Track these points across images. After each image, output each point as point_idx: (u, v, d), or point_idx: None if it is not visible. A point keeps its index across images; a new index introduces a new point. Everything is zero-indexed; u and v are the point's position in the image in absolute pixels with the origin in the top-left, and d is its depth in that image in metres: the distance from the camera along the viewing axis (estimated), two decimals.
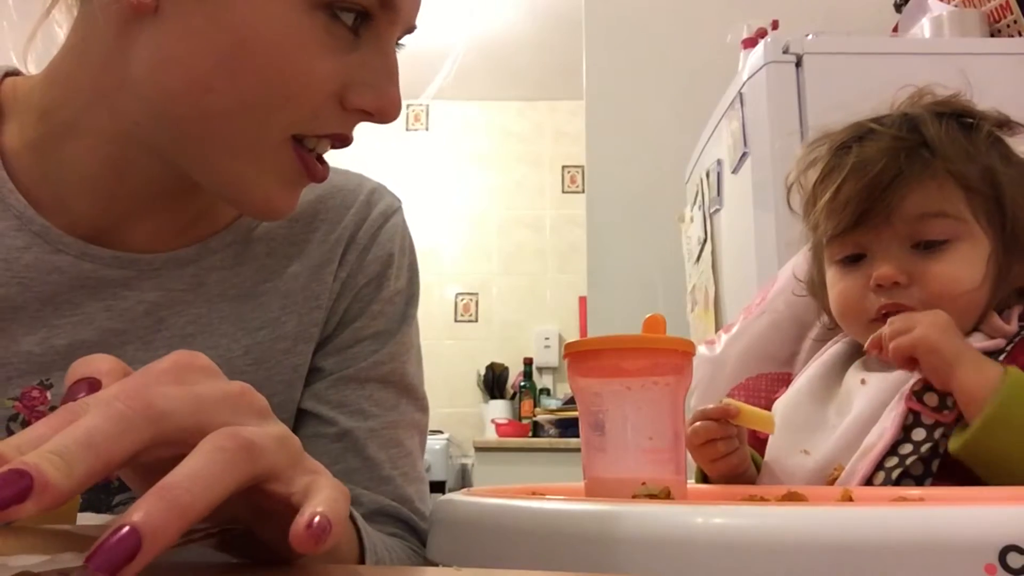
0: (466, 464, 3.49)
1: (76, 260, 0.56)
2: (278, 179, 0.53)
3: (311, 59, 0.49)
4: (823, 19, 2.10)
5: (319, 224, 0.65)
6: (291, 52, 0.49)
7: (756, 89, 1.61)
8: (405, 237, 0.70)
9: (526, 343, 3.75)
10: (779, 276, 1.01)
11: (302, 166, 0.53)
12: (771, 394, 0.90)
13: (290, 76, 0.49)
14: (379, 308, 0.66)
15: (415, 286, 0.70)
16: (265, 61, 0.48)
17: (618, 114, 2.51)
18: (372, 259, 0.66)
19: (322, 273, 0.64)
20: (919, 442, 0.67)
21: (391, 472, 0.64)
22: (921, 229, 0.74)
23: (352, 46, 0.51)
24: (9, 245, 0.54)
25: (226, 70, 0.49)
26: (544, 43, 3.47)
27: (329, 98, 0.51)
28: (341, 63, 0.51)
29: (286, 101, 0.50)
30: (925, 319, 0.69)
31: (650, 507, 0.42)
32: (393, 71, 0.53)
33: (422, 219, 3.86)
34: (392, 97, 0.53)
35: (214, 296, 0.60)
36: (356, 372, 0.65)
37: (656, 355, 0.57)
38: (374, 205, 0.68)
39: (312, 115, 0.51)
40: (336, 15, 0.49)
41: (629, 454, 0.57)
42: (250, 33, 0.48)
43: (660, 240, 2.36)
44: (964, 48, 1.64)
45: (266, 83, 0.49)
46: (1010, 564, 0.32)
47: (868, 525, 0.35)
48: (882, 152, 0.75)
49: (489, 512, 0.48)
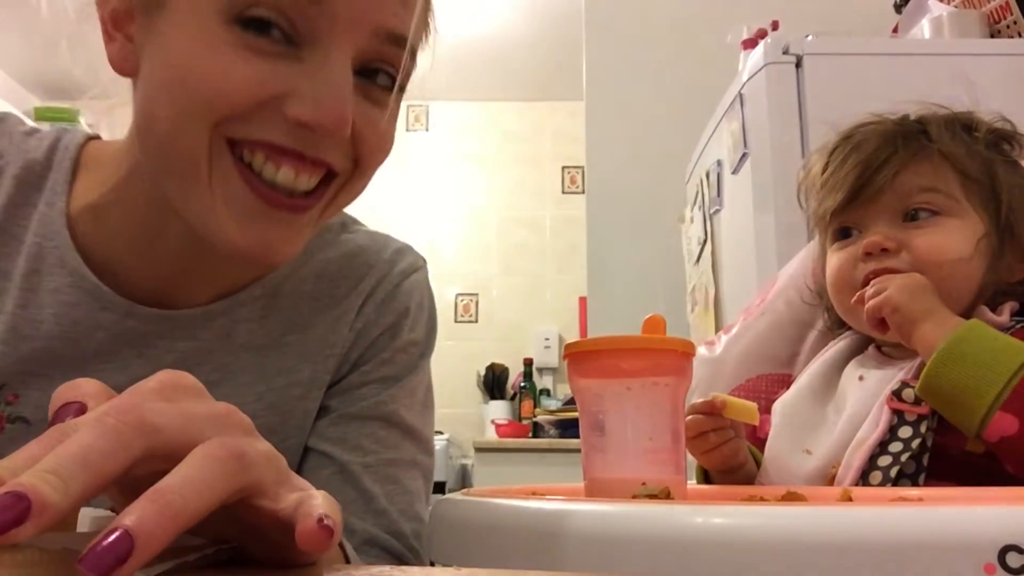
0: (466, 464, 3.49)
1: (120, 319, 0.59)
2: (230, 207, 0.52)
3: (229, 63, 0.49)
4: (823, 20, 2.10)
5: (341, 281, 0.68)
6: (208, 59, 0.49)
7: (756, 90, 1.61)
8: (424, 294, 0.72)
9: (526, 343, 3.75)
10: (779, 277, 1.01)
11: (249, 188, 0.52)
12: (771, 395, 0.90)
13: (208, 79, 0.49)
14: (389, 356, 0.68)
15: (431, 340, 0.72)
16: (188, 73, 0.50)
17: (618, 114, 2.51)
18: (388, 311, 0.68)
19: (339, 324, 0.66)
20: (907, 439, 0.69)
21: (386, 506, 0.64)
22: (912, 201, 0.77)
23: (288, 56, 0.50)
24: (63, 301, 0.58)
25: (164, 94, 0.51)
26: (544, 43, 3.48)
27: (260, 105, 0.50)
28: (272, 71, 0.50)
29: (206, 107, 0.50)
30: (897, 280, 0.73)
31: (650, 507, 0.42)
32: (336, 84, 0.50)
33: (422, 220, 3.86)
34: (329, 110, 0.50)
35: (239, 347, 0.63)
36: (358, 411, 0.66)
37: (656, 356, 0.57)
38: (396, 263, 0.70)
39: (241, 118, 0.50)
40: (250, 23, 0.49)
41: (629, 454, 0.57)
42: (177, 57, 0.50)
43: (660, 241, 2.36)
44: (964, 49, 1.64)
45: (189, 91, 0.50)
46: (1009, 564, 0.32)
47: (867, 525, 0.35)
48: (881, 135, 0.80)
49: (489, 512, 0.48)
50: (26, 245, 0.59)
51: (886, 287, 0.72)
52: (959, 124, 0.81)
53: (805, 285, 0.95)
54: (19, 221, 0.59)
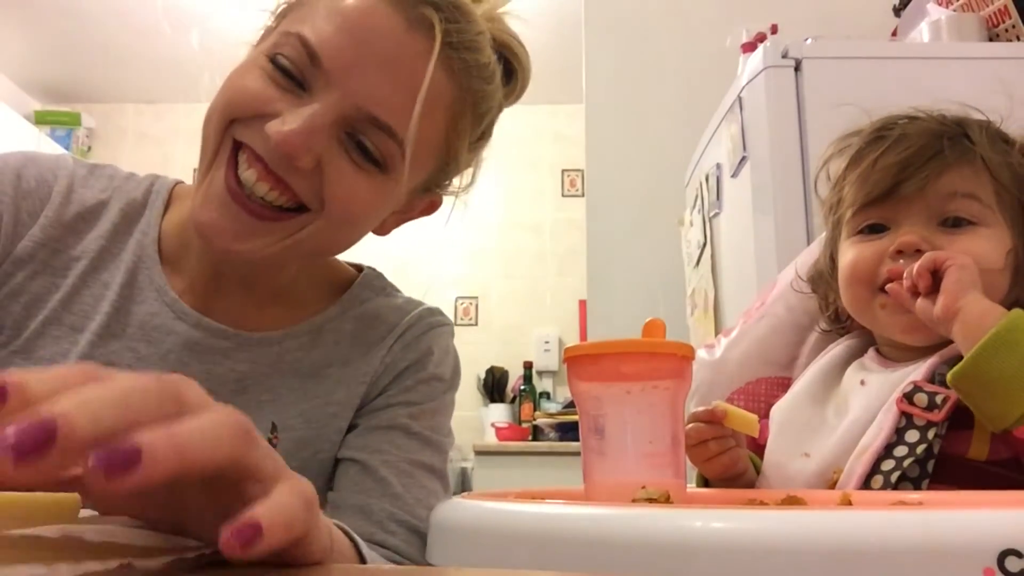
0: (466, 468, 3.49)
1: (190, 328, 0.71)
2: (207, 191, 0.64)
3: (249, 77, 0.63)
4: (822, 23, 2.10)
5: (379, 325, 0.78)
6: (241, 75, 0.64)
7: (755, 93, 1.61)
8: (448, 345, 0.82)
9: (526, 347, 3.75)
10: (778, 280, 1.01)
11: (224, 182, 0.63)
12: (770, 398, 0.90)
13: (234, 87, 0.64)
14: (412, 384, 0.76)
15: (455, 380, 0.81)
16: (227, 82, 0.65)
17: (618, 118, 2.51)
18: (413, 350, 0.77)
19: (372, 358, 0.76)
20: (913, 443, 0.68)
21: (402, 492, 0.70)
22: (951, 206, 0.75)
23: (293, 93, 0.63)
24: (147, 311, 0.71)
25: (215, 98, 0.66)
26: (544, 46, 3.46)
27: (260, 116, 0.62)
28: (276, 96, 0.62)
29: (227, 100, 0.64)
30: (960, 256, 0.71)
31: (650, 511, 0.42)
32: (304, 117, 0.61)
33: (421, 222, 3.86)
34: (289, 134, 0.60)
35: (287, 372, 0.73)
36: (380, 422, 0.74)
37: (656, 359, 0.58)
38: (425, 317, 0.80)
39: (245, 123, 0.62)
40: (274, 61, 0.63)
41: (629, 458, 0.57)
42: (241, 68, 0.66)
43: (660, 244, 2.36)
44: (963, 52, 1.65)
45: (222, 93, 0.64)
46: (1008, 568, 0.32)
47: (867, 529, 0.35)
48: (926, 132, 0.78)
49: (489, 516, 0.48)
50: (125, 263, 0.72)
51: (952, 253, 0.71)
52: (994, 131, 0.80)
53: (796, 274, 0.94)
54: (121, 244, 0.73)
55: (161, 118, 4.01)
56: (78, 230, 0.73)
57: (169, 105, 4.00)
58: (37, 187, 0.72)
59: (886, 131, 0.80)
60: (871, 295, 0.77)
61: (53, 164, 0.74)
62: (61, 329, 0.69)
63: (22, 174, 0.71)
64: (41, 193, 0.72)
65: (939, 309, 0.68)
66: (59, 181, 0.73)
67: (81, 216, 0.73)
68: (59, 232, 0.72)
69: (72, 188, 0.74)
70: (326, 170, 0.63)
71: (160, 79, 3.76)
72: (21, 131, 3.41)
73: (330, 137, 0.63)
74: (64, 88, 3.85)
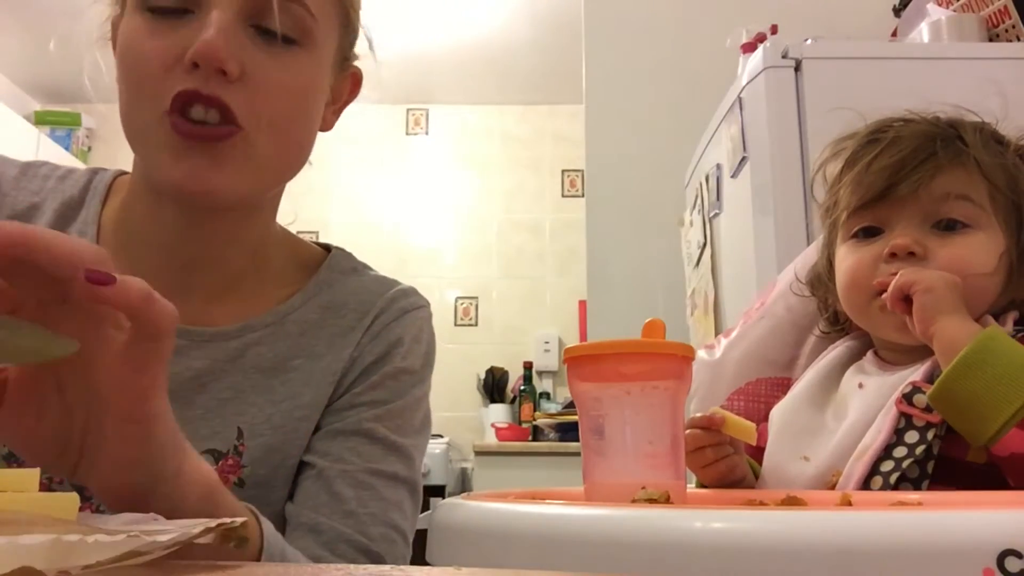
0: (466, 468, 3.49)
1: None
2: (165, 152, 0.61)
3: (142, 45, 0.61)
4: (822, 24, 2.10)
5: (347, 313, 0.73)
6: (131, 44, 0.62)
7: (755, 94, 1.61)
8: (423, 328, 0.76)
9: (526, 347, 3.75)
10: (779, 280, 1.01)
11: (173, 130, 0.60)
12: (771, 399, 0.90)
13: (133, 60, 0.62)
14: (379, 380, 0.71)
15: (426, 370, 0.75)
16: (123, 64, 0.63)
17: (618, 118, 2.51)
18: (381, 341, 0.73)
19: (341, 353, 0.71)
20: (912, 444, 0.68)
21: (356, 508, 0.66)
22: (944, 208, 0.75)
23: (180, 25, 0.61)
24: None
25: (119, 84, 0.63)
26: (544, 47, 3.48)
27: (169, 68, 0.60)
28: (171, 39, 0.60)
29: (139, 83, 0.62)
30: (936, 271, 0.72)
31: (649, 511, 0.42)
32: (211, 24, 0.59)
33: (422, 223, 3.87)
34: (205, 44, 0.59)
35: (249, 368, 0.69)
36: (344, 427, 0.69)
37: (656, 360, 0.58)
38: (397, 301, 0.75)
39: (162, 86, 0.60)
40: (150, 7, 0.61)
41: (629, 458, 0.58)
42: (119, 53, 0.64)
43: (660, 244, 2.36)
44: (963, 53, 1.65)
45: (128, 78, 0.62)
46: (1008, 568, 0.32)
47: (867, 529, 0.35)
48: (919, 134, 0.78)
49: (489, 516, 0.48)
50: None
51: (922, 272, 0.71)
52: (988, 133, 0.80)
53: (795, 277, 0.94)
54: None
55: None
56: None
57: None
58: None
59: (880, 134, 0.80)
60: (868, 299, 0.77)
61: None
62: None
63: None
64: None
65: (917, 333, 0.71)
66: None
67: (14, 220, 0.69)
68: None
69: (2, 192, 0.70)
70: (253, 75, 0.61)
71: None
72: (21, 131, 3.40)
73: (243, 36, 0.61)
74: (64, 88, 3.85)
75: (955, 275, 0.72)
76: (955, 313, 0.69)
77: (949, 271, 0.72)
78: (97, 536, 0.28)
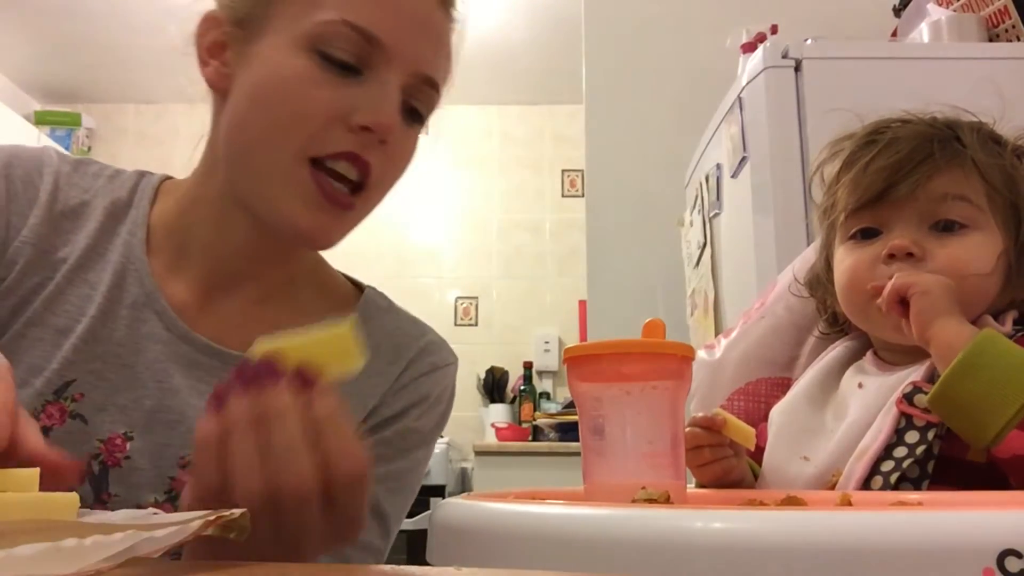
0: (466, 468, 3.49)
1: (178, 340, 0.70)
2: (300, 200, 0.64)
3: (307, 89, 0.63)
4: (822, 24, 2.10)
5: (380, 355, 0.75)
6: (292, 84, 0.63)
7: (755, 94, 1.61)
8: (446, 388, 0.79)
9: (526, 347, 3.75)
10: (778, 280, 1.01)
11: (317, 187, 0.64)
12: (771, 399, 0.90)
13: (291, 103, 0.63)
14: (390, 436, 0.74)
15: (436, 432, 0.78)
16: (273, 95, 0.64)
17: (618, 118, 2.51)
18: (403, 397, 0.75)
19: (365, 399, 0.73)
20: (913, 444, 0.68)
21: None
22: (942, 209, 0.75)
23: (354, 81, 0.64)
24: (136, 316, 0.70)
25: (253, 108, 0.65)
26: (544, 47, 3.48)
27: (332, 121, 0.63)
28: (341, 93, 0.63)
29: (291, 123, 0.64)
30: (931, 274, 0.72)
31: (649, 511, 0.42)
32: (390, 98, 0.65)
33: (422, 223, 3.86)
34: (385, 116, 0.64)
35: None
36: None
37: (656, 360, 0.58)
38: (429, 354, 0.78)
39: (319, 135, 0.63)
40: (326, 56, 0.63)
41: (629, 458, 0.58)
42: (264, 79, 0.65)
43: (660, 244, 2.36)
44: (963, 53, 1.65)
45: (275, 110, 0.64)
46: (1008, 568, 0.32)
47: (867, 529, 0.35)
48: (917, 135, 0.78)
49: (489, 516, 0.48)
50: (112, 264, 0.71)
51: (916, 278, 0.71)
52: (985, 133, 0.80)
53: (794, 278, 0.94)
54: (108, 243, 0.72)
55: (161, 118, 4.01)
56: (64, 230, 0.71)
57: (169, 105, 4.00)
58: (24, 189, 0.70)
59: (878, 135, 0.80)
60: (867, 300, 0.77)
61: (38, 161, 0.72)
62: (45, 331, 0.68)
63: (9, 175, 0.70)
64: (29, 194, 0.70)
65: (914, 337, 0.70)
66: (45, 179, 0.71)
67: (65, 215, 0.71)
68: (46, 231, 0.70)
69: (58, 186, 0.72)
70: (393, 144, 0.67)
71: (160, 79, 3.76)
72: (21, 131, 3.40)
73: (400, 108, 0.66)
74: (64, 88, 3.85)
75: (953, 276, 0.72)
76: (951, 316, 0.69)
77: (947, 272, 0.72)
78: (94, 537, 0.28)
